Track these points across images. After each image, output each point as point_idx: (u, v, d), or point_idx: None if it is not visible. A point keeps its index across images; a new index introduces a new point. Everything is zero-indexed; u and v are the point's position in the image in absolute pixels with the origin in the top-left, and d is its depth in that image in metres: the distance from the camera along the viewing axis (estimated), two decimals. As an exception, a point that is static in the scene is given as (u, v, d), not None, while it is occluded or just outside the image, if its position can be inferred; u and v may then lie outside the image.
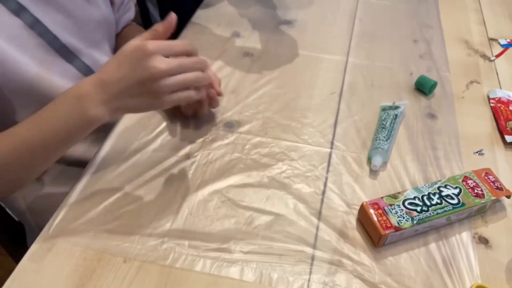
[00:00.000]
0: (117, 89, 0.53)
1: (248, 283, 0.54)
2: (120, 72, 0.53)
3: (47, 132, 0.54)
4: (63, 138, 0.55)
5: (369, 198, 0.63)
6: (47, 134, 0.54)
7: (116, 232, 0.58)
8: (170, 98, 0.55)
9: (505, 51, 0.96)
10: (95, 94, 0.53)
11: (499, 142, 0.75)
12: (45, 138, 0.54)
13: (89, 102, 0.53)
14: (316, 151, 0.71)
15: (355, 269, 0.56)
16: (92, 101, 0.53)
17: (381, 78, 0.87)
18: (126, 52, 0.53)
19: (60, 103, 0.54)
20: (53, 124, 0.54)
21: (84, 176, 0.65)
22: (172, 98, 0.55)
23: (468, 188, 0.62)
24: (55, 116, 0.54)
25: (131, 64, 0.53)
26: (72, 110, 0.54)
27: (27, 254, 0.56)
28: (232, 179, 0.66)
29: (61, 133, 0.55)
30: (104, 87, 0.53)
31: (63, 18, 0.67)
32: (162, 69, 0.52)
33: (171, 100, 0.55)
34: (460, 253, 0.59)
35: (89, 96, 0.53)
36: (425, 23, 1.03)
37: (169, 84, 0.54)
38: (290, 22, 1.00)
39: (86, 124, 0.55)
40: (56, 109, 0.54)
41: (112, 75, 0.53)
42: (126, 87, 0.53)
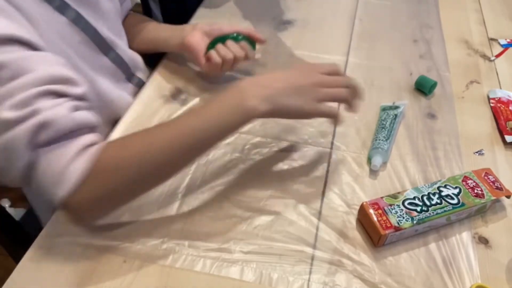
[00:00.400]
0: (280, 86, 0.56)
1: (248, 283, 0.54)
2: (284, 75, 0.57)
3: (208, 122, 0.54)
4: (222, 129, 0.55)
5: (369, 198, 0.63)
6: (208, 124, 0.54)
7: (116, 232, 0.58)
8: (320, 107, 0.58)
9: (505, 51, 0.96)
10: (255, 87, 0.55)
11: (499, 142, 0.75)
12: (205, 128, 0.54)
13: (247, 94, 0.55)
14: (316, 151, 0.71)
15: (355, 269, 0.56)
16: (250, 93, 0.55)
17: (381, 78, 0.87)
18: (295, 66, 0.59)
19: (221, 96, 0.55)
20: (213, 114, 0.54)
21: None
22: (321, 108, 0.58)
23: (468, 188, 0.62)
24: (216, 106, 0.55)
25: (298, 71, 0.59)
26: (231, 100, 0.55)
27: (27, 254, 0.56)
28: (232, 179, 0.66)
29: (219, 124, 0.55)
30: (265, 84, 0.56)
31: (95, 12, 0.68)
32: (325, 77, 0.58)
33: (320, 109, 0.58)
34: (460, 253, 0.59)
35: (249, 88, 0.55)
36: (425, 23, 1.03)
37: (325, 92, 0.57)
38: (290, 22, 1.00)
39: (243, 115, 0.55)
40: (218, 100, 0.55)
41: (275, 76, 0.57)
42: (288, 85, 0.56)
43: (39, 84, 0.48)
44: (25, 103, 0.47)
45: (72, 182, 0.48)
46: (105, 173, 0.50)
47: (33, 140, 0.47)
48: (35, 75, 0.49)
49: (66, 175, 0.48)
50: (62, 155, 0.49)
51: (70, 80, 0.52)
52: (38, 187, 0.50)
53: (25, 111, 0.47)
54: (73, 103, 0.51)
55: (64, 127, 0.49)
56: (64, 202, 0.49)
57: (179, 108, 0.76)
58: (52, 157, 0.48)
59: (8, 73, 0.48)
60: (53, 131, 0.48)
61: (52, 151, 0.49)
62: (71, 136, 0.50)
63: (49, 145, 0.49)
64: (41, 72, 0.49)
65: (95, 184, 0.50)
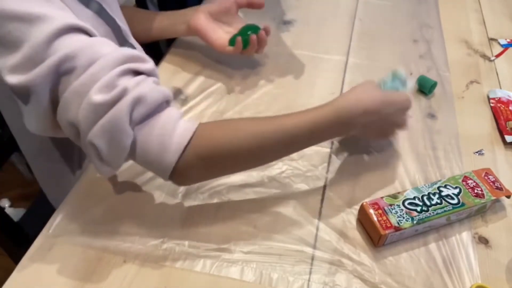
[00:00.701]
0: (373, 134, 0.66)
1: (248, 283, 0.54)
2: (381, 113, 0.62)
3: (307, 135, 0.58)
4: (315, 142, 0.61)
5: (369, 198, 0.63)
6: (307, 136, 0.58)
7: (116, 232, 0.58)
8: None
9: (505, 51, 0.96)
10: (359, 128, 0.61)
11: (499, 142, 0.75)
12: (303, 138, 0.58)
13: (351, 130, 0.62)
14: (316, 151, 0.71)
15: (355, 269, 0.56)
16: (354, 131, 0.62)
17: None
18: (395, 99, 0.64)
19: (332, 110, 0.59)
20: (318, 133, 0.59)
21: (84, 176, 0.65)
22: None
23: (468, 188, 0.62)
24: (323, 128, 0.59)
25: (394, 111, 0.63)
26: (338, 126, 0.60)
27: (27, 254, 0.56)
28: (232, 179, 0.66)
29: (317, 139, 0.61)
30: (367, 116, 0.61)
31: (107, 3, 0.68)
32: (407, 125, 0.66)
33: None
34: (460, 253, 0.59)
35: (356, 122, 0.60)
36: (425, 23, 1.03)
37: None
38: (290, 22, 1.00)
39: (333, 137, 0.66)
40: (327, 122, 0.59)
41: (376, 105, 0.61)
42: (380, 123, 0.63)
43: (117, 64, 0.50)
44: (111, 85, 0.48)
45: (179, 146, 0.52)
46: (209, 149, 0.54)
47: (132, 117, 0.49)
48: (110, 57, 0.50)
49: (172, 141, 0.52)
50: (162, 124, 0.52)
51: (140, 57, 0.53)
52: (146, 160, 0.53)
53: (115, 92, 0.48)
54: (151, 78, 0.53)
55: (156, 100, 0.51)
56: (173, 169, 0.52)
57: (179, 108, 0.76)
58: (153, 129, 0.51)
59: (83, 61, 0.48)
60: (147, 106, 0.50)
61: (152, 123, 0.51)
62: (159, 109, 0.52)
63: (147, 119, 0.51)
64: (114, 54, 0.50)
65: (198, 153, 0.53)
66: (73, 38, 0.49)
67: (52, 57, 0.47)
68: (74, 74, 0.48)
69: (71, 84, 0.48)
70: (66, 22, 0.49)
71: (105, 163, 0.52)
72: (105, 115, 0.48)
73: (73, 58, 0.48)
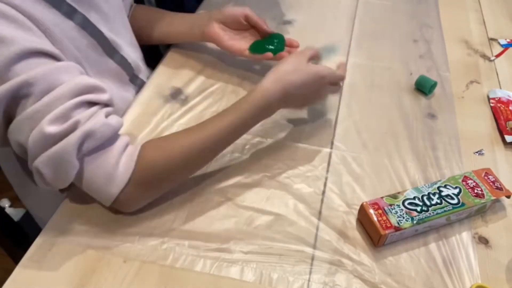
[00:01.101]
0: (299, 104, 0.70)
1: (248, 283, 0.54)
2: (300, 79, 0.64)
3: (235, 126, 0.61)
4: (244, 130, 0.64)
5: (369, 198, 0.63)
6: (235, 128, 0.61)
7: (116, 232, 0.58)
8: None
9: (505, 51, 0.96)
10: (280, 99, 0.64)
11: (499, 142, 0.75)
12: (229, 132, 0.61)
13: (274, 106, 0.65)
14: (316, 151, 0.71)
15: (355, 269, 0.56)
16: (277, 105, 0.65)
17: (381, 78, 0.87)
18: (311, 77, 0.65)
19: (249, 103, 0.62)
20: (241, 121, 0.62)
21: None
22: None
23: (468, 188, 0.62)
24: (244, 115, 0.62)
25: (314, 89, 0.67)
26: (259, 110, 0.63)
27: (27, 254, 0.56)
28: (232, 179, 0.66)
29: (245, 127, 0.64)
30: (287, 97, 0.64)
31: (99, 14, 0.68)
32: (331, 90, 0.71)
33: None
34: (460, 253, 0.59)
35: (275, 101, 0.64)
36: (425, 23, 1.03)
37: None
38: (290, 22, 1.00)
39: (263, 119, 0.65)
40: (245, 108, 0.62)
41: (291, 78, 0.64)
42: (302, 97, 0.67)
43: (72, 96, 0.51)
44: (64, 116, 0.50)
45: (123, 179, 0.54)
46: (150, 172, 0.57)
47: (80, 150, 0.51)
48: (67, 87, 0.51)
49: (116, 174, 0.54)
50: (108, 159, 0.54)
51: (97, 87, 0.55)
52: (90, 189, 0.55)
53: (67, 124, 0.50)
54: (105, 109, 0.55)
55: (106, 134, 0.53)
56: (115, 199, 0.55)
57: (179, 108, 0.76)
58: (99, 162, 0.54)
59: (41, 88, 0.50)
60: (96, 140, 0.52)
61: (98, 157, 0.54)
62: (110, 140, 0.55)
63: (94, 152, 0.53)
64: (71, 84, 0.51)
65: (141, 181, 0.56)
66: (34, 62, 0.50)
67: (10, 81, 0.48)
68: (30, 100, 0.49)
69: (25, 109, 0.49)
70: (29, 46, 0.50)
71: (49, 186, 0.54)
72: (54, 146, 0.50)
73: (31, 85, 0.49)
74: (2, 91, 0.48)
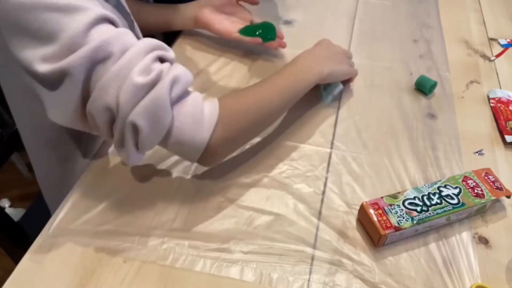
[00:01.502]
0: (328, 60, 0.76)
1: (248, 283, 0.54)
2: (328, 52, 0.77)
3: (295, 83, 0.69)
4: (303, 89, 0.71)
5: (369, 198, 0.63)
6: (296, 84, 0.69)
7: (116, 232, 0.58)
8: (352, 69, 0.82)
9: (505, 51, 0.96)
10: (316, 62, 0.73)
11: (499, 142, 0.75)
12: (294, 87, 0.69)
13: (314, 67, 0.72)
14: (316, 151, 0.71)
15: (355, 269, 0.56)
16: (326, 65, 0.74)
17: (381, 78, 0.87)
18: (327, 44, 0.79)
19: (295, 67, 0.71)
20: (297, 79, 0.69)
21: (84, 176, 0.65)
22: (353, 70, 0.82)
23: (468, 188, 0.62)
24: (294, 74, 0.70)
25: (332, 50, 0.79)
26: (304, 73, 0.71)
27: (27, 254, 0.56)
28: (232, 179, 0.66)
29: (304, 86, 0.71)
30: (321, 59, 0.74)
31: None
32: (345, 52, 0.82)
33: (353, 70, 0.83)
34: (460, 253, 0.59)
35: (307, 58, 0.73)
36: (425, 23, 1.03)
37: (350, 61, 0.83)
38: (290, 22, 1.00)
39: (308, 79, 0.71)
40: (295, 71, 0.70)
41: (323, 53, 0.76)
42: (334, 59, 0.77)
43: (148, 51, 0.52)
44: (148, 68, 0.51)
45: (211, 122, 0.56)
46: (230, 116, 0.59)
47: (171, 96, 0.52)
48: (141, 45, 0.52)
49: (204, 118, 0.56)
50: (194, 104, 0.55)
51: (164, 46, 0.56)
52: (181, 138, 0.55)
53: (153, 75, 0.51)
54: (176, 64, 0.56)
55: (188, 81, 0.55)
56: (207, 146, 0.56)
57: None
58: (187, 108, 0.55)
59: (119, 47, 0.50)
60: (181, 85, 0.54)
61: (185, 102, 0.55)
62: (188, 92, 0.57)
63: (181, 98, 0.55)
64: (143, 42, 0.53)
65: (225, 125, 0.58)
66: (106, 27, 0.51)
67: (89, 44, 0.49)
68: (111, 59, 0.50)
69: (109, 69, 0.50)
70: (100, 12, 0.51)
71: (138, 148, 0.54)
72: (147, 95, 0.51)
73: (109, 45, 0.50)
74: (82, 53, 0.48)
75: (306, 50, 0.75)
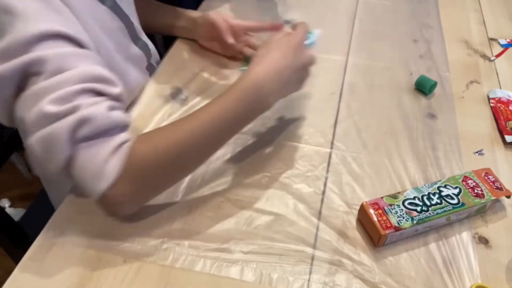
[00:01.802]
0: (287, 76, 0.61)
1: (248, 283, 0.54)
2: (287, 60, 0.61)
3: (226, 115, 0.57)
4: (239, 123, 0.60)
5: (369, 198, 0.63)
6: (227, 117, 0.58)
7: (116, 232, 0.58)
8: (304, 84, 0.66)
9: (505, 51, 0.96)
10: (271, 83, 0.59)
11: (499, 142, 0.75)
12: (221, 123, 0.57)
13: (266, 91, 0.59)
14: (316, 151, 0.71)
15: (355, 269, 0.56)
16: (269, 91, 0.59)
17: (381, 78, 0.87)
18: (284, 42, 0.62)
19: (240, 91, 0.58)
20: (233, 109, 0.58)
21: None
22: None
23: (468, 188, 0.62)
24: (236, 102, 0.58)
25: (295, 52, 0.61)
26: (252, 98, 0.59)
27: (27, 254, 0.56)
28: (232, 179, 0.66)
29: (239, 118, 0.59)
30: (277, 75, 0.60)
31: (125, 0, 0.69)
32: (314, 57, 0.64)
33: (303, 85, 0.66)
34: (460, 253, 0.59)
35: (267, 85, 0.59)
36: (425, 23, 1.03)
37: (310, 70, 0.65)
38: (290, 22, 1.00)
39: (260, 112, 0.61)
40: (236, 96, 0.58)
41: (281, 63, 0.60)
42: (293, 72, 0.61)
43: (81, 81, 0.51)
44: (66, 98, 0.49)
45: (110, 177, 0.51)
46: (139, 168, 0.54)
47: (73, 135, 0.50)
48: (77, 72, 0.51)
49: (105, 171, 0.51)
50: (100, 152, 0.51)
51: (109, 80, 0.54)
52: (77, 180, 0.53)
53: (67, 107, 0.49)
54: (111, 102, 0.53)
55: (102, 124, 0.51)
56: (102, 196, 0.52)
57: (179, 108, 0.76)
58: (91, 153, 0.51)
59: (52, 67, 0.49)
60: (92, 128, 0.50)
61: (91, 147, 0.51)
62: (107, 134, 0.52)
63: (88, 141, 0.51)
64: (83, 70, 0.51)
65: (130, 179, 0.53)
66: (54, 44, 0.50)
67: (25, 56, 0.48)
68: (40, 77, 0.49)
69: (36, 84, 0.49)
70: (53, 28, 0.50)
71: (41, 167, 0.53)
72: (48, 127, 0.49)
73: (44, 63, 0.49)
74: (17, 63, 0.48)
75: (261, 54, 0.61)
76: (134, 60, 0.74)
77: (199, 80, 0.83)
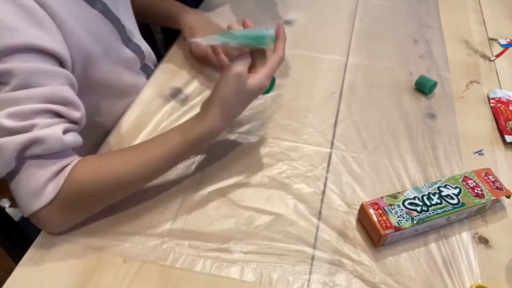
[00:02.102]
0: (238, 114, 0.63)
1: (248, 283, 0.54)
2: (243, 107, 0.62)
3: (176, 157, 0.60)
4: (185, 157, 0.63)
5: (369, 198, 0.63)
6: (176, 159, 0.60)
7: (116, 232, 0.58)
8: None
9: (505, 51, 0.96)
10: (225, 125, 0.61)
11: (499, 142, 0.75)
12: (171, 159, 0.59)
13: (220, 131, 0.61)
14: (316, 151, 0.71)
15: (355, 269, 0.56)
16: (222, 130, 0.61)
17: (381, 78, 0.87)
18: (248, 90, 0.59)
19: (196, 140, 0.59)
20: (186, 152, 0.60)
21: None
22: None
23: (468, 188, 0.62)
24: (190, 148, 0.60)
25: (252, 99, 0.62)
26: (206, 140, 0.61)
27: (27, 254, 0.56)
28: (232, 179, 0.66)
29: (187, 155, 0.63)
30: (232, 118, 0.62)
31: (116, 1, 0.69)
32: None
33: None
34: (460, 253, 0.59)
35: (221, 128, 0.61)
36: (425, 23, 1.03)
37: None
38: (290, 22, 1.00)
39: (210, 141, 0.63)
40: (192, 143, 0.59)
41: (238, 110, 0.62)
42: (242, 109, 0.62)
43: (43, 101, 0.51)
44: (24, 115, 0.50)
45: (46, 199, 0.51)
46: (76, 194, 0.53)
47: (21, 153, 0.50)
48: (42, 91, 0.51)
49: (43, 192, 0.51)
50: (42, 172, 0.51)
51: (73, 103, 0.54)
52: (13, 192, 0.53)
53: (23, 124, 0.49)
54: (67, 125, 0.53)
55: (53, 147, 0.51)
56: (33, 214, 0.53)
57: (179, 108, 0.76)
58: (34, 172, 0.51)
59: (17, 82, 0.50)
60: (42, 149, 0.50)
61: (35, 166, 0.51)
62: (55, 156, 0.53)
63: (34, 159, 0.51)
64: (48, 90, 0.51)
65: (64, 203, 0.53)
66: (28, 58, 0.50)
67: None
68: (5, 89, 0.50)
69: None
70: (28, 41, 0.50)
71: None
72: (1, 139, 0.49)
73: (12, 76, 0.49)
74: None
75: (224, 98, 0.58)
76: (126, 62, 0.75)
77: (199, 80, 0.83)
